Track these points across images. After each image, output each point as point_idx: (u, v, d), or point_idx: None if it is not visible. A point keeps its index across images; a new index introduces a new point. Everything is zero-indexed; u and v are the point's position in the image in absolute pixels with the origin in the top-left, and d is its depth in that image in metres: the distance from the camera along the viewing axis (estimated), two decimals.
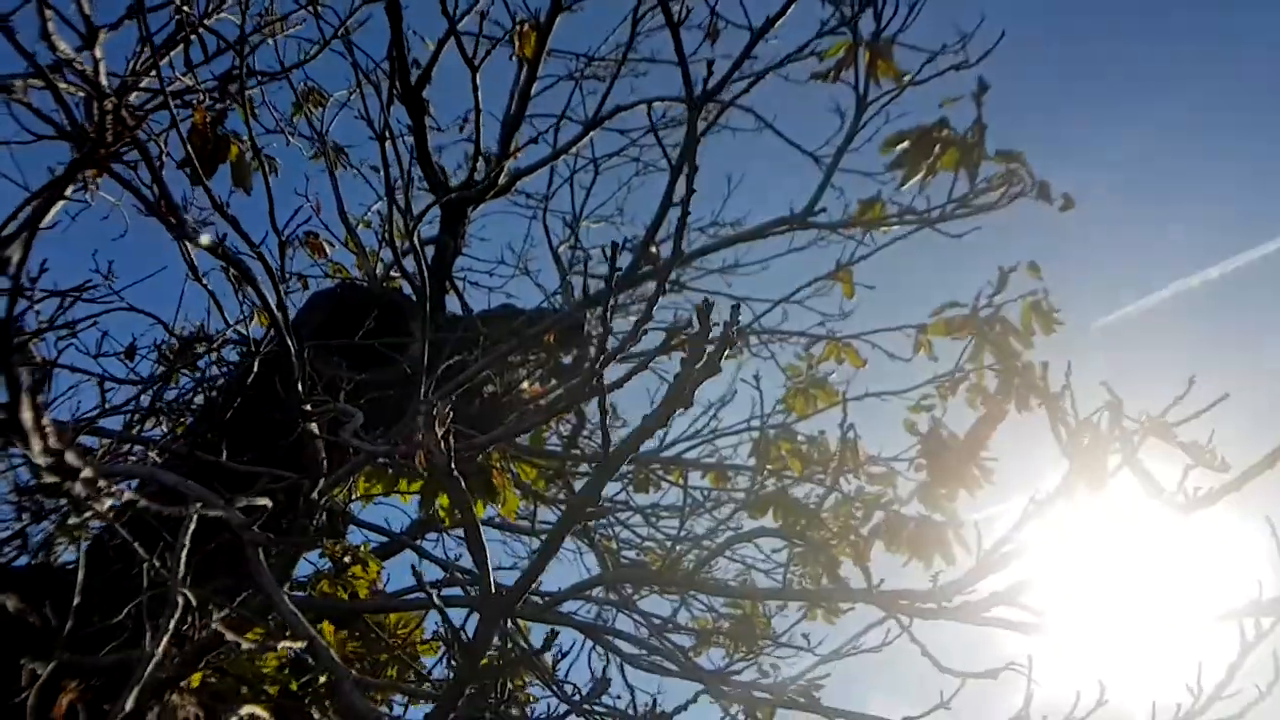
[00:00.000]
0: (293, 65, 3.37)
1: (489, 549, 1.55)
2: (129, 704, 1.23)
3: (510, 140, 4.33)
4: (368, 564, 3.18)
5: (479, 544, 1.52)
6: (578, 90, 4.81)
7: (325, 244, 4.44)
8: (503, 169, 4.25)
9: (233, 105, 2.69)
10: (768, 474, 4.30)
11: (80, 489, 1.22)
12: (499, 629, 1.59)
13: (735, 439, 4.69)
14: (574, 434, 4.95)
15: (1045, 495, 1.78)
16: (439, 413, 1.39)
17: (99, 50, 1.77)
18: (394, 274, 4.60)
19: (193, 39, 2.47)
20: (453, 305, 4.24)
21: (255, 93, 3.41)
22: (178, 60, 2.51)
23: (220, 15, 2.58)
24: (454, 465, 1.40)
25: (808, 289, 4.73)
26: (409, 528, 4.17)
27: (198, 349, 3.23)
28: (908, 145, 3.31)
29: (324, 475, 2.55)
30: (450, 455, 1.38)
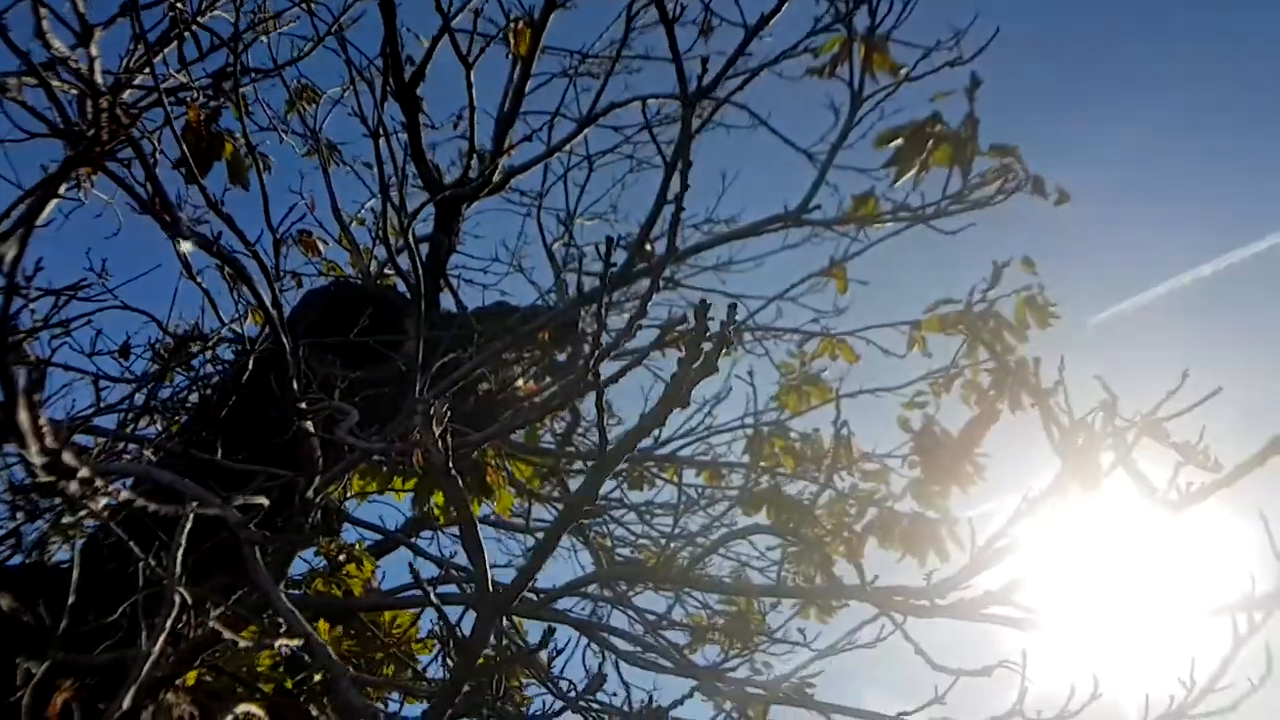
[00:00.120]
0: (286, 62, 3.37)
1: (485, 546, 1.55)
2: (125, 703, 1.23)
3: (504, 137, 4.33)
4: (362, 562, 3.18)
5: (475, 542, 1.53)
6: (572, 87, 4.80)
7: (319, 242, 4.44)
8: (497, 166, 4.25)
9: (226, 103, 2.68)
10: (762, 471, 4.30)
11: (75, 488, 1.22)
12: (495, 627, 1.59)
13: (729, 436, 4.70)
14: (568, 431, 4.95)
15: (1039, 493, 1.79)
16: (436, 411, 1.39)
17: (93, 48, 1.77)
18: (388, 271, 4.59)
19: (186, 36, 2.47)
20: (447, 303, 4.24)
21: (249, 90, 3.41)
22: (172, 58, 2.51)
23: (214, 12, 2.58)
24: (451, 464, 1.40)
25: (802, 285, 4.74)
26: (404, 525, 4.16)
27: (192, 347, 3.23)
28: (901, 141, 3.30)
29: (319, 473, 2.55)
30: (448, 454, 1.38)
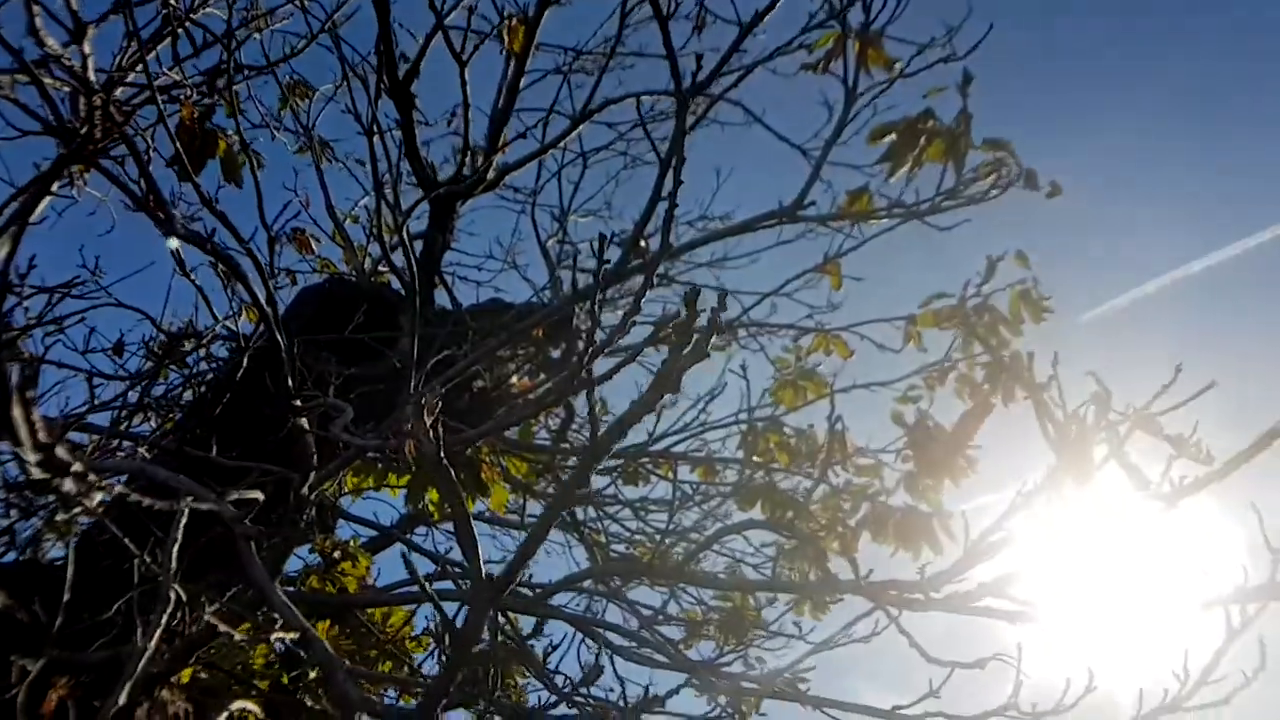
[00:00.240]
0: (279, 59, 3.36)
1: (479, 541, 1.55)
2: (121, 698, 1.23)
3: (498, 135, 4.33)
4: (357, 559, 3.18)
5: (468, 532, 1.53)
6: (566, 84, 4.80)
7: (313, 239, 4.43)
8: (491, 163, 4.24)
9: (220, 101, 2.68)
10: (756, 466, 4.31)
11: (70, 485, 1.22)
12: (489, 616, 1.59)
13: (724, 432, 4.70)
14: (563, 428, 4.95)
15: (1032, 486, 1.80)
16: (428, 402, 1.39)
17: (86, 45, 1.77)
18: (382, 269, 4.59)
19: (179, 33, 2.46)
20: (441, 300, 4.24)
21: (242, 87, 3.40)
22: (165, 55, 2.50)
23: (206, 9, 2.57)
24: (443, 454, 1.40)
25: (796, 281, 4.73)
26: (398, 522, 4.17)
27: (187, 345, 3.22)
28: (895, 137, 3.31)
29: (314, 470, 2.55)
30: (439, 444, 1.38)
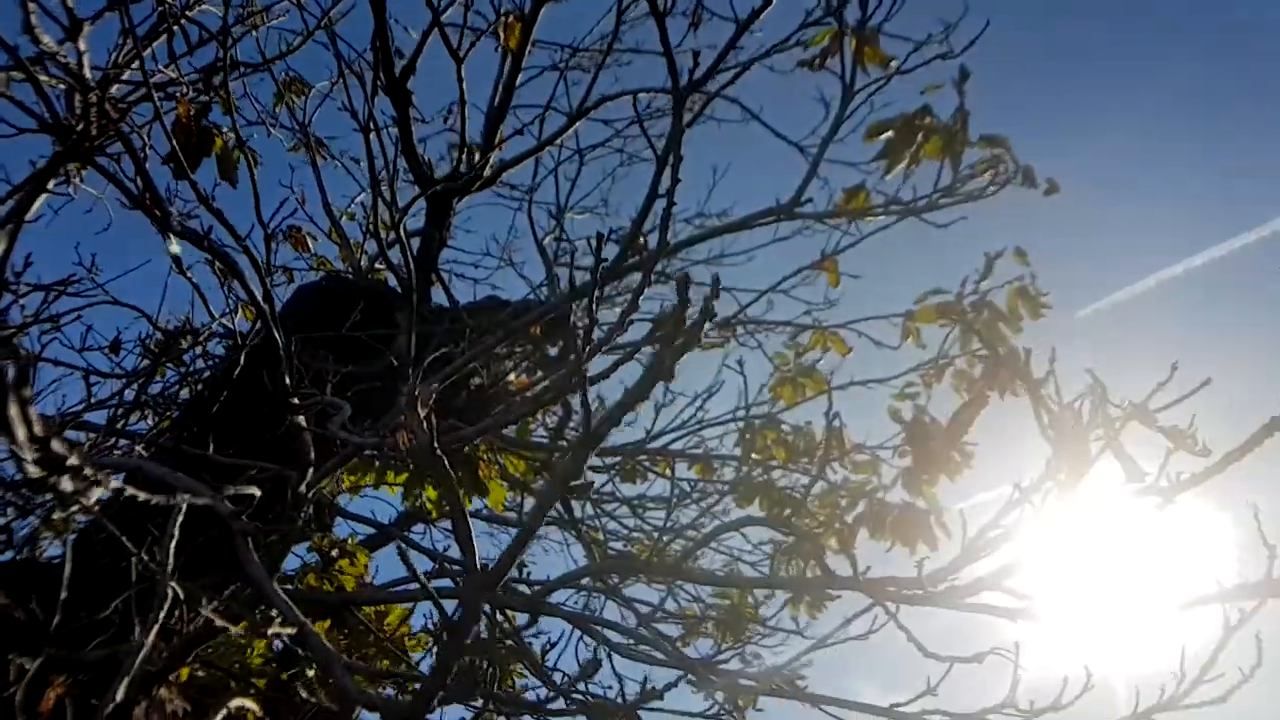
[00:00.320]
0: (275, 56, 3.36)
1: (476, 537, 1.55)
2: (119, 694, 1.23)
3: (495, 132, 4.32)
4: (355, 557, 3.18)
5: (463, 522, 1.52)
6: (562, 81, 4.80)
7: (309, 237, 4.43)
8: (488, 161, 4.24)
9: (216, 98, 2.68)
10: (753, 463, 4.31)
11: (67, 483, 1.22)
12: (483, 608, 1.59)
13: (721, 429, 4.71)
14: (560, 425, 4.95)
15: (1030, 482, 1.80)
16: (421, 393, 1.39)
17: (82, 42, 1.76)
18: (379, 266, 4.59)
19: (175, 30, 2.46)
20: (438, 297, 4.23)
21: (237, 85, 3.40)
22: (161, 52, 2.50)
23: (202, 7, 2.57)
24: (436, 444, 1.40)
25: (793, 279, 4.74)
26: (396, 520, 4.17)
27: (183, 342, 3.22)
28: (892, 134, 3.30)
29: (311, 468, 2.54)
30: (433, 434, 1.38)
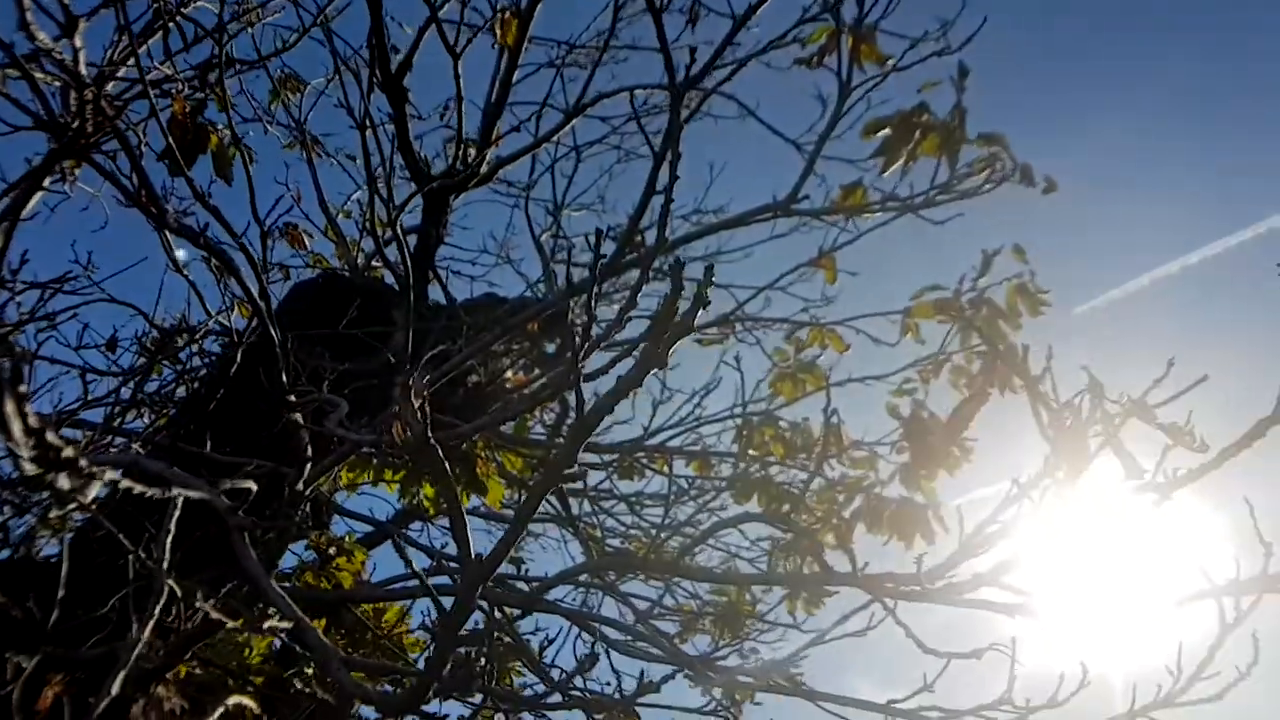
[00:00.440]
0: (271, 53, 3.35)
1: (473, 533, 1.55)
2: (115, 688, 1.23)
3: (492, 128, 4.32)
4: (353, 554, 3.17)
5: (458, 514, 1.52)
6: (559, 78, 4.79)
7: (305, 234, 4.42)
8: (484, 157, 4.23)
9: (212, 95, 2.67)
10: (751, 460, 4.31)
11: (64, 480, 1.22)
12: (477, 598, 1.58)
13: (719, 426, 4.71)
14: (558, 422, 4.95)
15: (1028, 478, 1.80)
16: (415, 385, 1.38)
17: (77, 39, 1.76)
18: (376, 263, 4.58)
19: (171, 27, 2.45)
20: (435, 294, 4.23)
21: (233, 81, 3.39)
22: (156, 49, 2.49)
23: (198, 4, 2.56)
24: (430, 434, 1.39)
25: (791, 275, 4.74)
26: (393, 517, 4.16)
27: (180, 340, 3.22)
28: (889, 131, 3.30)
29: (308, 465, 2.54)
30: (427, 425, 1.37)
